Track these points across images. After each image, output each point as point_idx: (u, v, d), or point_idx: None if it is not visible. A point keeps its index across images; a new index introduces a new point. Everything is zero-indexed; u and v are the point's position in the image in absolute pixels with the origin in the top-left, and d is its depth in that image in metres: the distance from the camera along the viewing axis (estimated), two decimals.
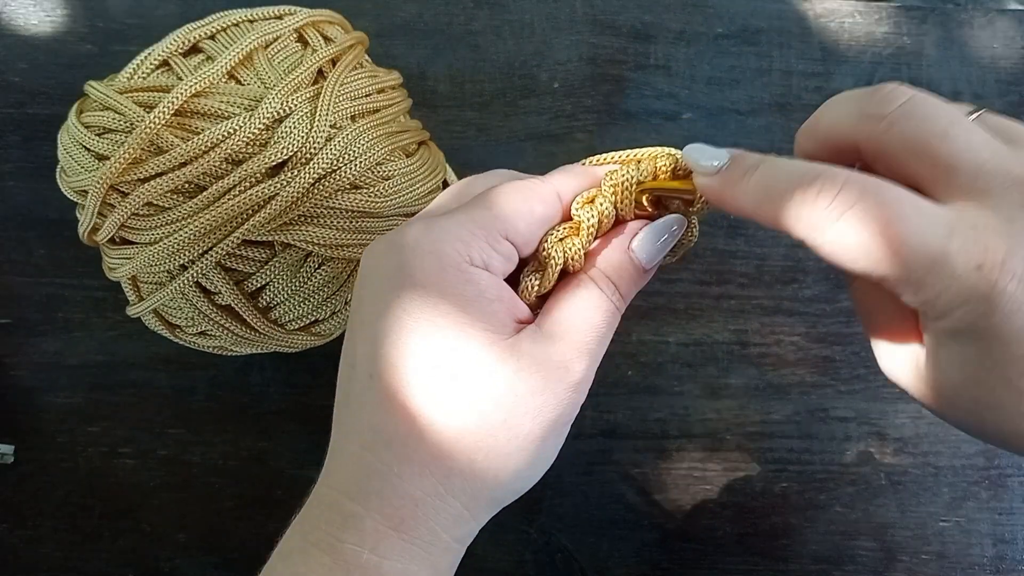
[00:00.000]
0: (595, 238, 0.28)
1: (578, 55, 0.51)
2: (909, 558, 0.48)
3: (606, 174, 0.28)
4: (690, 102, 0.51)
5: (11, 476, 0.46)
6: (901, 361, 0.26)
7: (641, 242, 0.28)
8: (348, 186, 0.36)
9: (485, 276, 0.25)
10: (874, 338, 0.27)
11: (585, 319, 0.26)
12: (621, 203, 0.28)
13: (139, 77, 0.37)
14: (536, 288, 0.27)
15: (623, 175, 0.28)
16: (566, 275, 0.28)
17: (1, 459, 0.46)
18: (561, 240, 0.27)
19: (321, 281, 0.38)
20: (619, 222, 0.29)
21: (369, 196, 0.37)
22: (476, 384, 0.24)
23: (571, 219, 0.28)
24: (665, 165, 0.28)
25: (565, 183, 0.28)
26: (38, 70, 0.49)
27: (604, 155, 0.30)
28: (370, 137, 0.37)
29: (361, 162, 0.36)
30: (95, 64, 0.49)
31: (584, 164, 0.30)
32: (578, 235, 0.27)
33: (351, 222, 0.37)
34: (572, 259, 0.27)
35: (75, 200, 0.38)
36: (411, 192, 0.38)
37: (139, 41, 0.48)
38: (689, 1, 0.52)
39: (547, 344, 0.25)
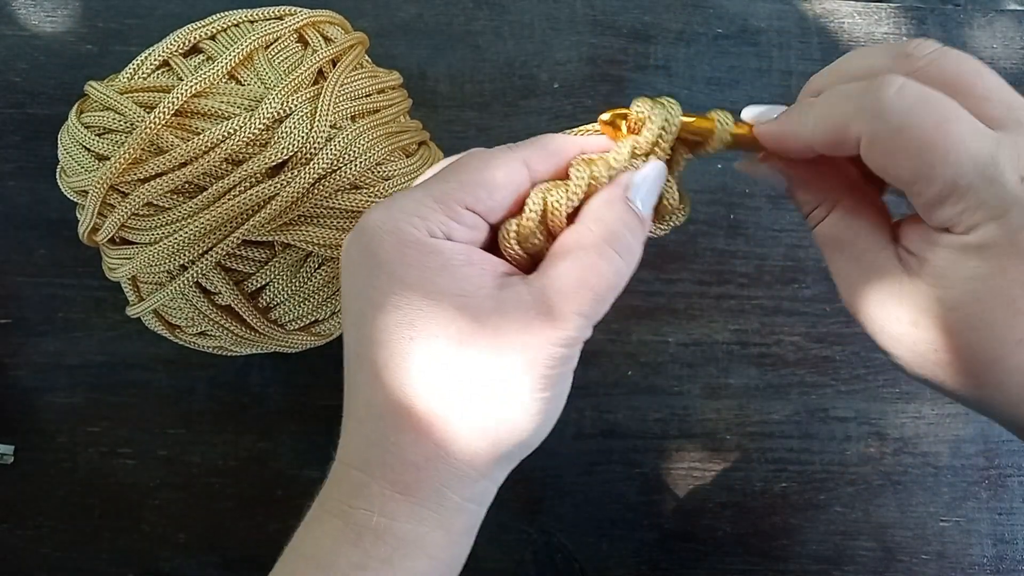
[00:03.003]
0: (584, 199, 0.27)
1: (578, 55, 0.51)
2: (909, 558, 0.48)
3: (620, 142, 0.28)
4: (690, 102, 0.51)
5: (11, 476, 0.46)
6: (883, 297, 0.26)
7: (638, 190, 0.27)
8: (348, 186, 0.36)
9: (448, 245, 0.25)
10: (853, 285, 0.27)
11: (580, 273, 0.25)
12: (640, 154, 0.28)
13: (139, 77, 0.37)
14: (514, 232, 0.27)
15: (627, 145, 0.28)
16: (552, 233, 0.27)
17: (1, 459, 0.46)
18: (546, 190, 0.27)
19: (321, 281, 0.38)
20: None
21: (369, 196, 0.37)
22: (454, 347, 0.25)
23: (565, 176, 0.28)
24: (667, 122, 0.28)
25: (533, 152, 0.28)
26: (39, 70, 0.49)
27: (589, 125, 0.30)
28: (370, 137, 0.37)
29: (361, 162, 0.36)
30: (95, 64, 0.49)
31: (569, 132, 0.30)
32: (564, 188, 0.27)
33: (351, 222, 0.37)
34: (552, 208, 0.26)
35: (75, 200, 0.38)
36: None
37: (139, 41, 0.48)
38: (689, 1, 0.52)
39: (534, 295, 0.25)
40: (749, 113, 0.29)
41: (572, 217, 0.27)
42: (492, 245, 0.28)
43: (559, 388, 0.26)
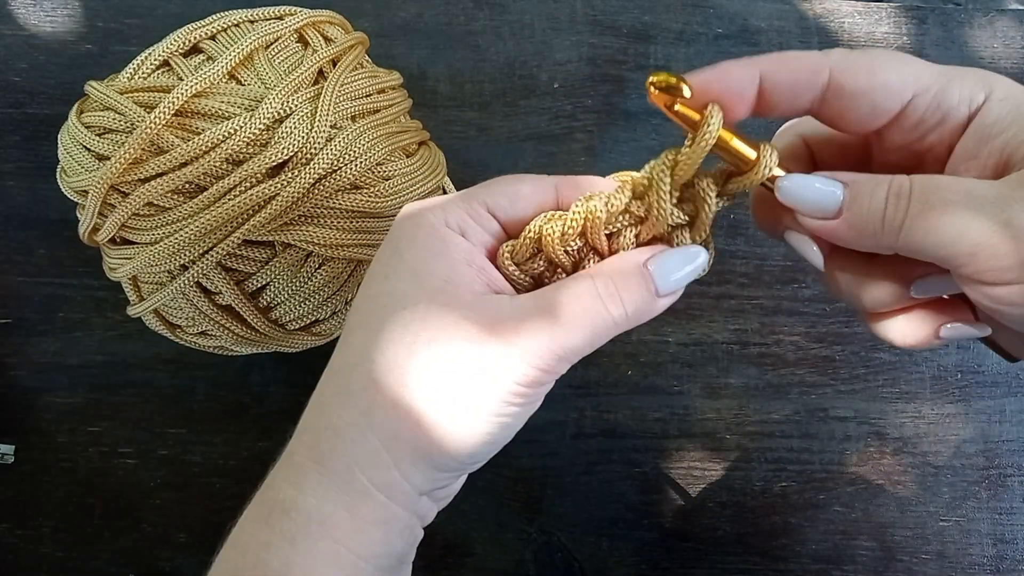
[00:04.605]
0: (584, 237, 0.27)
1: (578, 55, 0.51)
2: (909, 558, 0.48)
3: (619, 180, 0.28)
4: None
5: (11, 476, 0.46)
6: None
7: (659, 261, 0.26)
8: (348, 186, 0.36)
9: (458, 238, 0.26)
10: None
11: (572, 308, 0.25)
12: (638, 208, 0.27)
13: (140, 77, 0.37)
14: (509, 250, 0.27)
15: (633, 179, 0.27)
16: (549, 260, 0.27)
17: (1, 459, 0.46)
18: (547, 219, 0.27)
19: (321, 281, 0.38)
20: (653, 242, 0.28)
21: (369, 196, 0.37)
22: (418, 323, 0.25)
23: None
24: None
25: (565, 180, 0.28)
26: (39, 70, 0.49)
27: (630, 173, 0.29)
28: (370, 137, 0.37)
29: (361, 162, 0.36)
30: (95, 64, 0.49)
31: (613, 176, 0.29)
32: (561, 219, 0.27)
33: (351, 222, 0.37)
34: (549, 238, 0.26)
35: (75, 200, 0.38)
36: (411, 192, 0.38)
37: (139, 41, 0.49)
38: (689, 1, 0.52)
39: (513, 315, 0.25)
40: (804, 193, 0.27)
41: (577, 253, 0.28)
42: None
43: (497, 413, 0.25)
